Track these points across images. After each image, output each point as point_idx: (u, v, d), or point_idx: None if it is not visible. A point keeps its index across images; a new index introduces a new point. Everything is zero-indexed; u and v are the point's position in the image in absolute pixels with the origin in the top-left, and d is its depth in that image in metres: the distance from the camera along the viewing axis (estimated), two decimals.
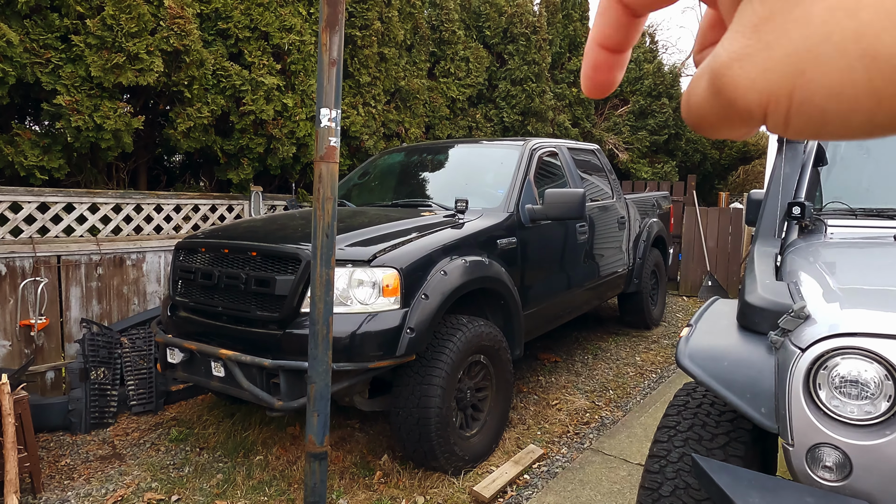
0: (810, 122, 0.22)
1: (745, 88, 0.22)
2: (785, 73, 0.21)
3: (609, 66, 0.32)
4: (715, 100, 0.24)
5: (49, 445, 3.41)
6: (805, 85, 0.21)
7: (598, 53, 0.32)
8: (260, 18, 4.67)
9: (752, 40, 0.22)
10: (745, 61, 0.22)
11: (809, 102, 0.21)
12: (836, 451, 1.44)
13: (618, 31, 0.31)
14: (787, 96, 0.22)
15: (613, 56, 0.32)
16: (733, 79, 0.23)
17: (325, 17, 2.00)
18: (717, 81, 0.23)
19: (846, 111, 0.21)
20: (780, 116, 0.22)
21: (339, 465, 3.17)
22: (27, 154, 3.79)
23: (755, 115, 0.23)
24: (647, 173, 10.21)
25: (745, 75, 0.22)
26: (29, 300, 3.72)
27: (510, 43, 7.96)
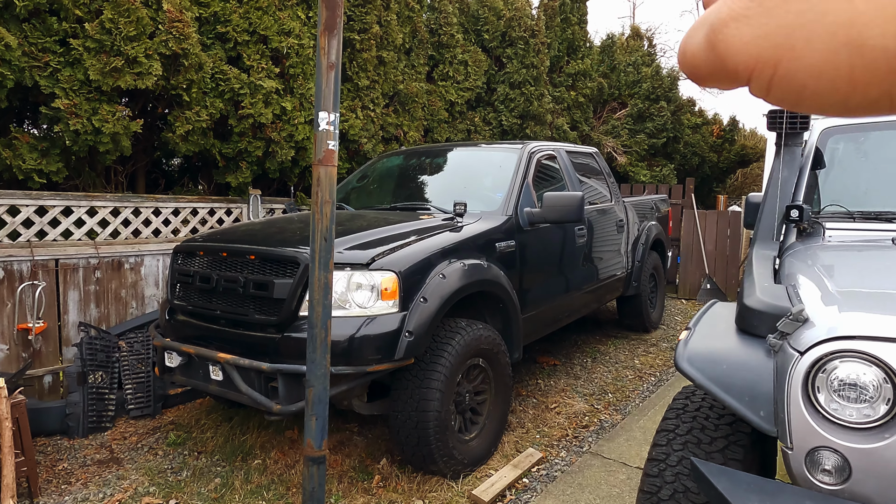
0: (789, 93, 0.23)
1: (736, 50, 0.23)
2: (775, 44, 0.22)
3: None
4: (708, 53, 0.25)
5: (46, 450, 3.40)
6: (791, 59, 0.22)
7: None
8: (259, 22, 4.68)
9: (753, 3, 0.23)
10: (742, 23, 0.23)
11: (792, 76, 0.22)
12: (835, 454, 1.44)
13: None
14: (773, 66, 0.22)
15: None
16: (727, 37, 0.23)
17: (324, 20, 2.00)
18: (713, 36, 0.24)
19: (824, 91, 0.22)
20: (763, 83, 0.23)
21: (338, 468, 3.16)
22: (25, 157, 3.78)
23: (741, 76, 0.24)
24: (646, 176, 10.22)
25: (739, 37, 0.23)
26: (27, 304, 3.71)
27: (509, 46, 7.98)
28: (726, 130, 12.40)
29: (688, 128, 11.43)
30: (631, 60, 10.80)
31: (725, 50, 0.23)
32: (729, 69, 0.24)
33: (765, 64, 0.22)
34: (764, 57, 0.22)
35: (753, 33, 0.22)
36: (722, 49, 0.24)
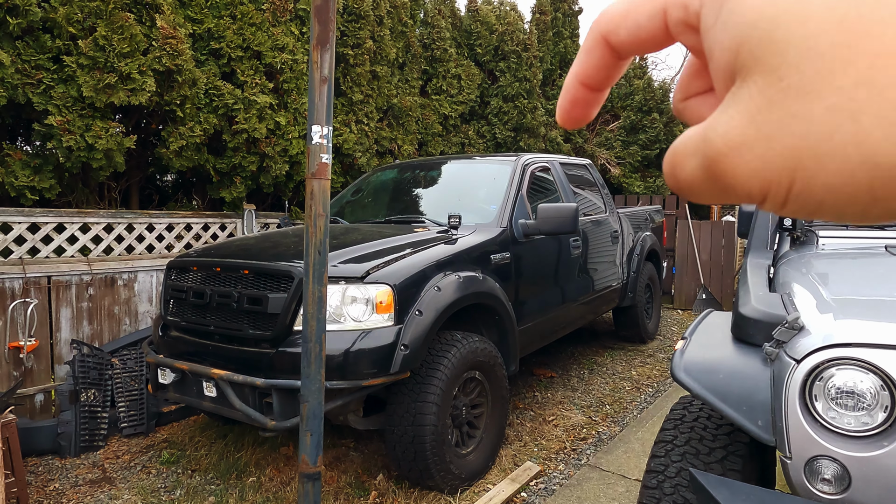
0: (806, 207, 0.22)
1: (745, 177, 0.22)
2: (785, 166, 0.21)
3: (587, 102, 0.32)
4: (711, 182, 0.24)
5: (38, 470, 3.35)
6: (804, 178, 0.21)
7: (578, 90, 0.32)
8: (252, 38, 4.70)
9: (749, 129, 0.22)
10: (745, 150, 0.22)
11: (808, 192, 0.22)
12: (834, 463, 1.43)
13: (600, 71, 0.31)
14: (787, 186, 0.22)
15: (593, 94, 0.32)
16: (732, 167, 0.23)
17: (316, 34, 2.01)
18: (714, 167, 0.23)
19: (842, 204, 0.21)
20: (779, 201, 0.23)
21: (334, 485, 3.12)
22: (18, 174, 3.77)
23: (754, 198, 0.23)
24: (640, 187, 10.27)
25: (745, 165, 0.22)
26: (18, 322, 3.67)
27: (501, 60, 8.04)
28: None
29: None
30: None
31: (733, 179, 0.23)
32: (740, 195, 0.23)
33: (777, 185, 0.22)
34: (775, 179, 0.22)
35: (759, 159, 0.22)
36: (729, 179, 0.23)
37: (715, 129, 0.23)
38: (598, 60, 0.30)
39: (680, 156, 0.25)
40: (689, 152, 0.25)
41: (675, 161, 0.26)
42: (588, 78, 0.31)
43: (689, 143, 0.25)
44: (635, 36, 0.28)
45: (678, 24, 0.26)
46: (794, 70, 0.21)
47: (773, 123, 0.21)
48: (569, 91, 0.32)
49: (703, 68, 0.29)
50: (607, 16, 0.29)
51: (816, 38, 0.20)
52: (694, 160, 0.24)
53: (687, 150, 0.25)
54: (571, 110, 0.33)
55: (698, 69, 0.30)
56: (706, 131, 0.24)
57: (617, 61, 0.30)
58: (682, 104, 0.31)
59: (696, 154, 0.24)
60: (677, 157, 0.26)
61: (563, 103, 0.33)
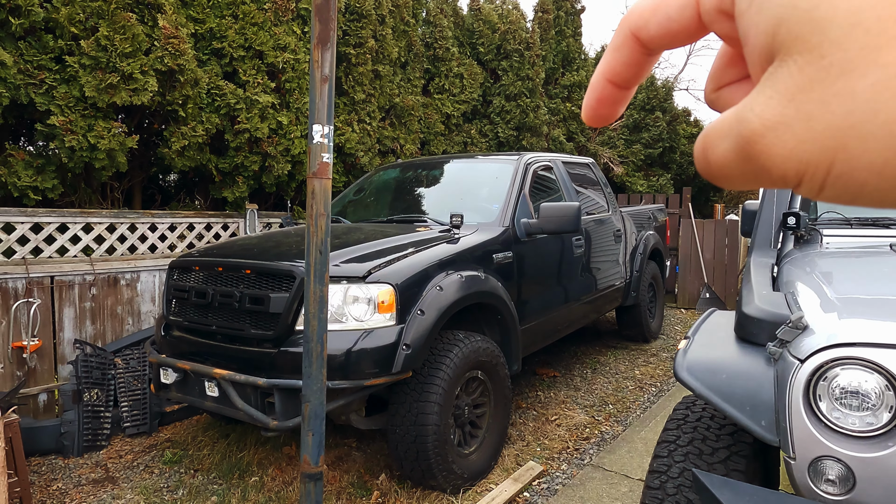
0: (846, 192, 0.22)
1: (782, 158, 0.22)
2: (825, 146, 0.21)
3: (614, 100, 0.32)
4: (745, 164, 0.23)
5: (41, 469, 3.35)
6: (846, 159, 0.21)
7: (605, 87, 0.31)
8: (254, 38, 4.70)
9: (788, 109, 0.21)
10: (782, 131, 0.21)
11: (848, 175, 0.21)
12: (838, 463, 1.42)
13: (629, 68, 0.30)
14: (826, 168, 0.21)
15: (620, 91, 0.32)
16: (768, 147, 0.22)
17: (317, 33, 2.01)
18: (749, 148, 0.23)
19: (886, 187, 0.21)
20: (816, 185, 0.22)
21: (336, 485, 3.12)
22: (21, 175, 3.77)
23: (790, 181, 0.23)
24: (643, 186, 10.25)
25: (782, 145, 0.21)
26: (21, 322, 3.68)
27: (504, 59, 8.03)
28: None
29: (684, 137, 11.48)
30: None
31: (769, 160, 0.22)
32: (775, 178, 0.23)
33: (815, 167, 0.21)
34: (815, 160, 0.21)
35: (797, 139, 0.21)
36: (764, 160, 0.22)
37: (752, 109, 0.22)
38: (627, 57, 0.30)
39: (712, 138, 0.25)
40: (723, 134, 0.24)
41: (706, 143, 0.25)
42: (616, 75, 0.31)
43: (722, 125, 0.24)
44: (666, 29, 0.28)
45: (711, 13, 0.26)
46: (836, 47, 0.20)
47: (814, 102, 0.21)
48: (596, 89, 0.32)
49: (736, 57, 0.29)
50: (636, 11, 0.28)
51: (861, 13, 0.19)
52: (727, 141, 0.24)
53: (720, 132, 0.24)
54: (598, 108, 0.32)
55: (731, 58, 0.29)
56: (741, 112, 0.23)
57: (647, 57, 0.30)
58: (715, 94, 0.30)
59: (729, 135, 0.24)
60: (709, 139, 0.25)
61: (590, 101, 0.32)
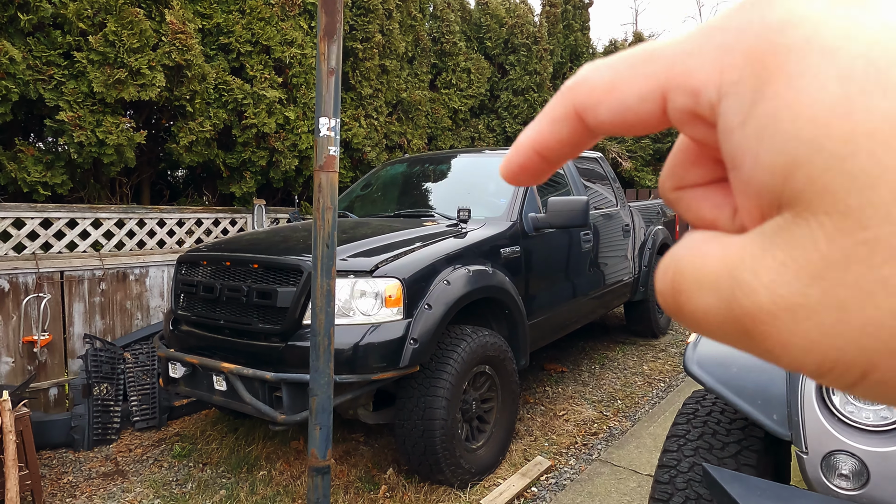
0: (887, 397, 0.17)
1: (801, 350, 0.17)
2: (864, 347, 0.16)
3: (538, 171, 0.26)
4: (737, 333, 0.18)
5: (51, 463, 3.38)
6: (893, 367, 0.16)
7: (531, 158, 0.26)
8: (261, 33, 4.70)
9: (812, 289, 0.16)
10: (802, 317, 0.16)
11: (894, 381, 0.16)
12: (852, 458, 1.40)
13: (563, 146, 0.25)
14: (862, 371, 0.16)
15: (547, 165, 0.26)
16: (781, 334, 0.17)
17: (324, 26, 1.99)
18: (750, 324, 0.18)
19: None
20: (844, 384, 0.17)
21: (344, 479, 3.12)
22: (30, 170, 3.80)
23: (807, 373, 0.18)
24: (651, 181, 10.19)
25: (803, 335, 0.17)
26: (32, 316, 3.71)
27: (511, 53, 7.99)
28: None
29: None
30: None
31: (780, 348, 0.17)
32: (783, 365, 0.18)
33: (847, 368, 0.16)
34: (846, 361, 0.16)
35: (823, 332, 0.16)
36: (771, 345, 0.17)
37: (756, 274, 0.17)
38: (564, 135, 0.24)
39: (689, 282, 0.19)
40: (707, 284, 0.19)
41: (680, 286, 0.20)
42: (547, 150, 0.25)
43: (706, 272, 0.19)
44: (620, 117, 0.22)
45: (682, 113, 0.20)
46: (884, 218, 0.15)
47: (851, 288, 0.16)
48: (521, 156, 0.26)
49: (703, 157, 0.23)
50: (585, 87, 0.23)
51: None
52: (712, 298, 0.19)
53: (701, 280, 0.19)
54: (519, 175, 0.27)
55: (697, 157, 0.23)
56: (738, 270, 0.18)
57: (587, 138, 0.24)
58: (675, 194, 0.24)
59: (716, 291, 0.19)
60: (685, 282, 0.20)
61: (512, 166, 0.26)
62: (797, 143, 0.16)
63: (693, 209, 0.24)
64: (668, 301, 0.21)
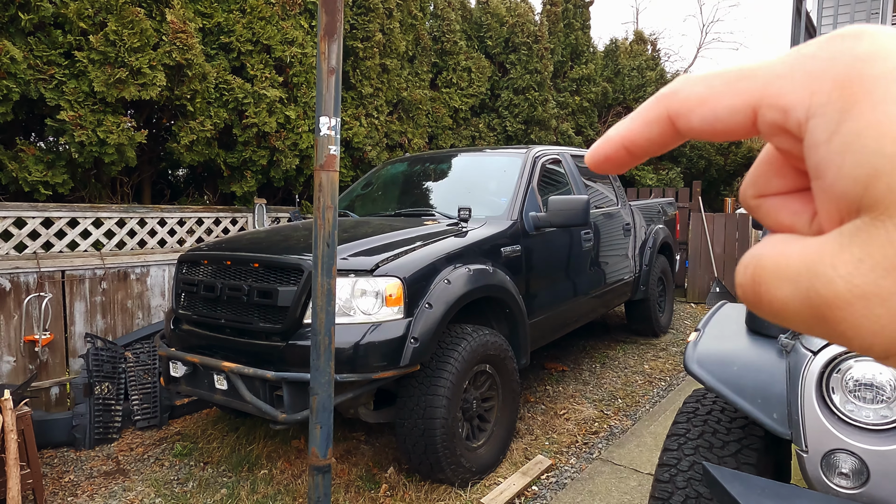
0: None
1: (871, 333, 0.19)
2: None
3: (623, 163, 0.29)
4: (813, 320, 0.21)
5: (53, 461, 3.39)
6: None
7: (619, 152, 0.29)
8: (262, 32, 4.70)
9: (886, 281, 0.19)
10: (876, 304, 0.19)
11: None
12: (852, 457, 1.40)
13: (652, 145, 0.28)
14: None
15: (632, 158, 0.29)
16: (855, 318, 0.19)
17: (324, 25, 1.99)
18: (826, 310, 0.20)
19: None
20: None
21: (345, 478, 3.12)
22: (31, 170, 3.80)
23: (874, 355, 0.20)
24: (652, 180, 10.18)
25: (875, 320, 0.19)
26: (33, 316, 3.71)
27: (512, 52, 7.98)
28: None
29: None
30: (635, 65, 10.78)
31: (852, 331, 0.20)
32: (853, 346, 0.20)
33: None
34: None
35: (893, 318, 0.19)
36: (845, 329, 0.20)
37: (834, 268, 0.20)
38: (654, 136, 0.27)
39: (770, 276, 0.22)
40: (786, 277, 0.21)
41: (761, 279, 0.22)
42: (635, 147, 0.28)
43: (786, 268, 0.21)
44: (710, 126, 0.25)
45: (772, 127, 0.23)
46: None
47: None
48: (608, 148, 0.29)
49: (786, 168, 0.26)
50: (680, 97, 0.26)
51: None
52: (791, 288, 0.21)
53: (782, 274, 0.22)
54: (605, 165, 0.30)
55: (781, 167, 0.26)
56: (818, 265, 0.20)
57: (675, 140, 0.27)
58: (756, 201, 0.27)
59: (796, 283, 0.21)
60: (766, 277, 0.22)
61: (599, 155, 0.30)
62: (880, 157, 0.19)
63: (772, 215, 0.26)
64: (747, 293, 0.23)
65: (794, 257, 0.21)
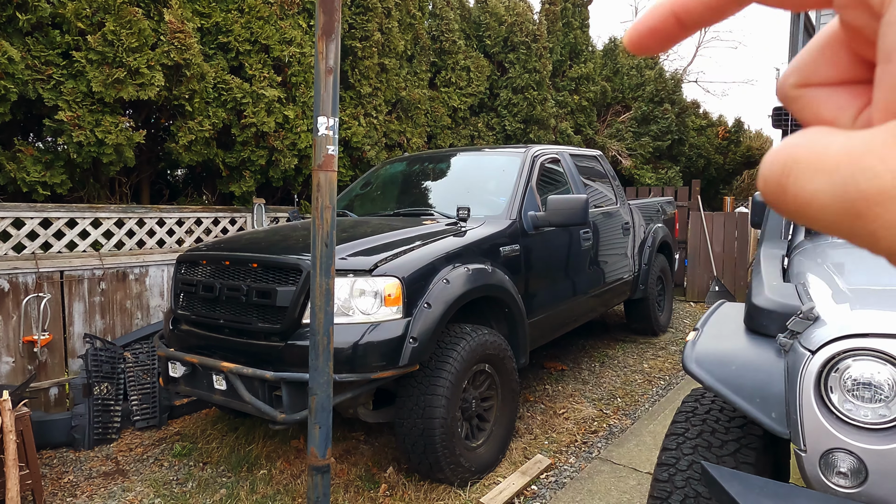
0: None
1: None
2: None
3: (669, 37, 0.26)
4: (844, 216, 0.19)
5: (52, 462, 3.39)
6: None
7: (667, 21, 0.25)
8: (260, 31, 4.69)
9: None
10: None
11: None
12: (850, 456, 1.40)
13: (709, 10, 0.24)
14: None
15: (681, 30, 0.25)
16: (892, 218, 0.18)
17: (321, 24, 1.99)
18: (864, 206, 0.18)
19: None
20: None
21: (344, 478, 3.12)
22: (29, 170, 3.79)
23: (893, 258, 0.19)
24: (651, 179, 10.18)
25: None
26: (32, 316, 3.71)
27: (511, 52, 7.98)
28: (732, 132, 12.34)
29: (693, 130, 11.38)
30: (634, 64, 10.77)
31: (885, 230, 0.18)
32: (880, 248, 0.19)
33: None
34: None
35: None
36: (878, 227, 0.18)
37: (884, 161, 0.18)
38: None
39: (803, 168, 0.20)
40: (824, 168, 0.19)
41: (790, 170, 0.20)
42: (687, 14, 0.24)
43: (823, 157, 0.19)
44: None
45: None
46: None
47: None
48: (654, 18, 0.25)
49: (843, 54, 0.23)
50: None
51: None
52: (825, 180, 0.19)
53: (817, 165, 0.19)
54: (647, 39, 0.26)
55: (836, 53, 0.23)
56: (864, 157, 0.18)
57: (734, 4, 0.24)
58: (797, 91, 0.24)
59: (832, 175, 0.19)
60: (798, 168, 0.20)
61: (642, 29, 0.26)
62: None
63: (813, 108, 0.24)
64: (770, 185, 0.21)
65: (837, 147, 0.19)
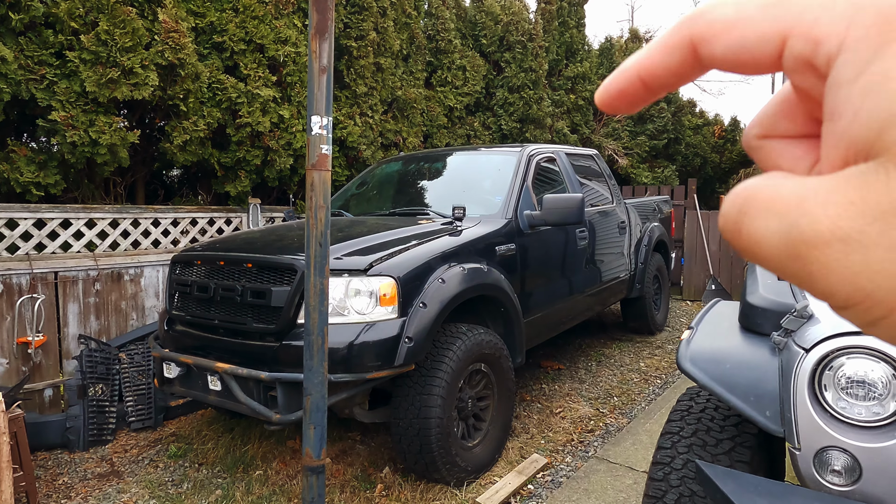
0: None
1: (839, 279, 0.18)
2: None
3: (637, 99, 0.27)
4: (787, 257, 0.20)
5: (47, 464, 3.37)
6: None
7: (634, 84, 0.27)
8: (255, 31, 4.68)
9: (871, 227, 0.18)
10: (852, 249, 0.18)
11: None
12: (844, 454, 1.40)
13: (671, 75, 0.26)
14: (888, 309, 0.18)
15: (647, 93, 0.27)
16: (828, 260, 0.19)
17: (315, 24, 1.99)
18: (803, 248, 0.19)
19: None
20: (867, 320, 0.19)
21: (340, 478, 3.12)
22: (23, 171, 3.78)
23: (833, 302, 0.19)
24: (648, 178, 10.19)
25: (847, 265, 0.18)
26: (26, 317, 3.69)
27: (507, 51, 7.98)
28: (728, 131, 12.36)
29: (689, 129, 11.40)
30: None
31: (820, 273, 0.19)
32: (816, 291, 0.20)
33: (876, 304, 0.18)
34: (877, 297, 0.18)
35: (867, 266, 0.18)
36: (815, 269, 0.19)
37: (824, 207, 0.19)
38: (674, 65, 0.25)
39: (758, 208, 0.21)
40: (773, 211, 0.20)
41: (746, 209, 0.21)
42: (653, 78, 0.26)
43: (775, 200, 0.20)
44: (735, 55, 0.23)
45: (797, 61, 0.21)
46: None
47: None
48: (622, 81, 0.27)
49: (798, 111, 0.25)
50: (706, 19, 0.23)
51: None
52: (775, 223, 0.20)
53: (769, 207, 0.20)
54: (617, 101, 0.28)
55: (793, 109, 0.25)
56: (807, 202, 0.19)
57: (695, 71, 0.25)
58: (759, 142, 0.26)
59: (782, 218, 0.20)
60: (753, 208, 0.21)
61: (611, 90, 0.28)
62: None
63: (772, 158, 0.25)
64: (728, 222, 0.22)
65: (788, 191, 0.20)
